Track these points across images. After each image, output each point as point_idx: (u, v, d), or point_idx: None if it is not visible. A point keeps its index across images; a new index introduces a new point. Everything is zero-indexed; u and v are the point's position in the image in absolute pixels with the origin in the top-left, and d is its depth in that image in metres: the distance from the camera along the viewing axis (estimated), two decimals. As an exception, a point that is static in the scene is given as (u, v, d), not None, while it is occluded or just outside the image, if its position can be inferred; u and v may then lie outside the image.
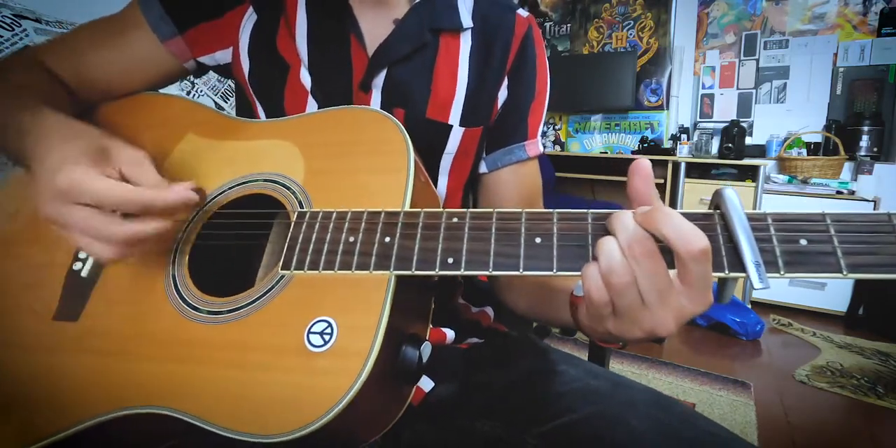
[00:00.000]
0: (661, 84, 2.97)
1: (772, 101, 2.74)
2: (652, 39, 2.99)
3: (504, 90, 0.61)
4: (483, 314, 0.66)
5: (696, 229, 0.29)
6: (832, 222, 0.31)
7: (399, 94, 0.56)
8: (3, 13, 0.99)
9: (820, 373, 1.80)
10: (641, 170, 0.33)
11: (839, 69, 2.55)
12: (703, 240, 0.29)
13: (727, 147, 2.54)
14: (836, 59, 2.56)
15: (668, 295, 0.31)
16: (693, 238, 0.29)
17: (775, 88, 2.73)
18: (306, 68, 0.56)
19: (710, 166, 2.64)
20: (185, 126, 0.55)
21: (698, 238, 0.29)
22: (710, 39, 2.87)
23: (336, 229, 0.40)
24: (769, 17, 2.71)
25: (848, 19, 2.52)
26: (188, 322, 0.42)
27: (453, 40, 0.58)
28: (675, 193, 2.59)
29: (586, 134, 3.18)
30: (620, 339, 0.35)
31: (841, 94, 2.56)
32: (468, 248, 0.35)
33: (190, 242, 0.47)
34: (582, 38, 3.23)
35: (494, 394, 0.51)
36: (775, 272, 0.30)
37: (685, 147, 2.72)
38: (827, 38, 2.57)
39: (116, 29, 0.58)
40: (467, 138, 0.59)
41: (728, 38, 2.82)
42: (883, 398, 1.63)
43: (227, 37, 0.58)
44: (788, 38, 2.67)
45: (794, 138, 2.57)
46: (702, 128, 2.87)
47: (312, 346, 0.37)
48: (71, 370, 0.42)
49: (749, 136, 2.69)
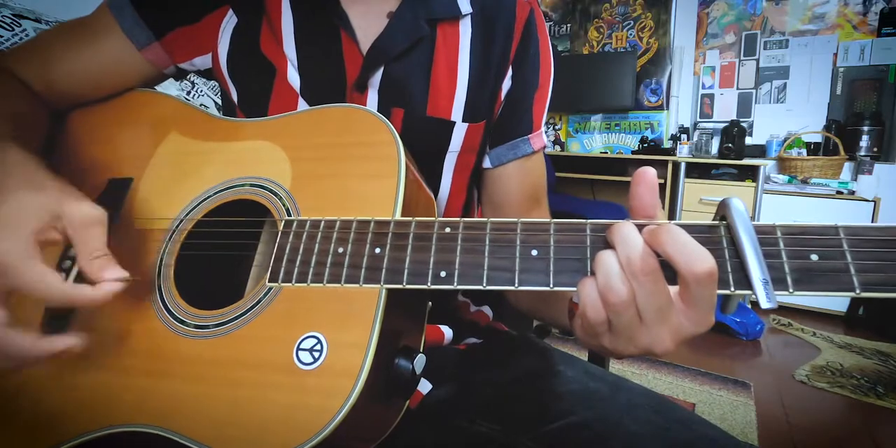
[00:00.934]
0: (661, 84, 2.96)
1: (772, 101, 2.74)
2: (652, 39, 2.99)
3: (508, 80, 0.58)
4: (481, 314, 0.65)
5: (702, 250, 0.28)
6: (845, 236, 0.29)
7: (397, 92, 0.53)
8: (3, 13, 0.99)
9: (820, 373, 1.79)
10: (647, 178, 0.31)
11: (839, 69, 2.55)
12: (709, 262, 0.27)
13: (727, 147, 2.54)
14: (836, 59, 2.55)
15: (667, 314, 0.30)
16: (698, 260, 0.27)
17: (775, 88, 2.73)
18: (295, 69, 0.53)
19: (710, 166, 2.64)
20: (168, 125, 0.53)
21: (704, 260, 0.27)
22: (710, 39, 2.87)
23: (324, 239, 0.38)
24: (769, 17, 2.70)
25: (848, 19, 2.52)
26: (175, 336, 0.41)
27: (452, 29, 0.55)
28: (675, 193, 2.58)
29: (586, 134, 3.17)
30: (614, 355, 0.34)
31: (841, 94, 2.56)
32: (461, 261, 0.34)
33: (174, 253, 0.45)
34: (582, 38, 3.23)
35: (493, 395, 0.51)
36: (784, 290, 0.29)
37: (685, 147, 2.72)
38: (827, 38, 2.57)
39: (88, 35, 0.55)
40: (471, 134, 0.56)
41: (728, 38, 2.82)
42: (883, 398, 1.63)
43: (206, 42, 0.55)
44: (788, 38, 2.66)
45: (794, 138, 2.56)
46: (702, 128, 2.86)
47: (302, 364, 0.36)
48: (56, 387, 0.41)
49: (749, 136, 2.69)
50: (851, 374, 1.79)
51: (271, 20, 0.54)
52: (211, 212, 0.46)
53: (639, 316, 0.30)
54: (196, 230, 0.46)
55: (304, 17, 0.53)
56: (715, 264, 0.28)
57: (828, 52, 2.57)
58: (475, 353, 0.58)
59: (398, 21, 0.52)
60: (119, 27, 0.54)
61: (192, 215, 0.46)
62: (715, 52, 2.86)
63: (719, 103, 2.87)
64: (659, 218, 0.32)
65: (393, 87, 0.53)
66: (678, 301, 0.30)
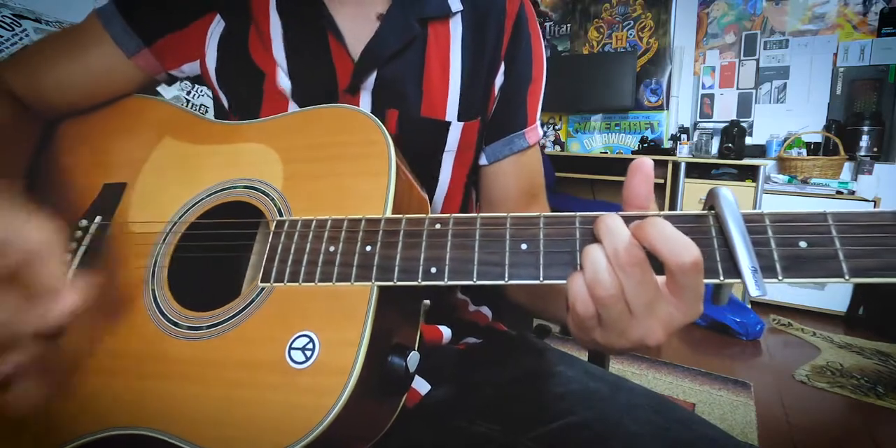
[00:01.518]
0: (661, 84, 2.96)
1: (772, 101, 2.74)
2: (652, 39, 2.99)
3: (500, 75, 0.57)
4: (480, 314, 0.65)
5: (687, 240, 0.28)
6: (834, 222, 0.29)
7: (390, 94, 0.53)
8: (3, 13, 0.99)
9: (820, 373, 1.79)
10: (643, 168, 0.31)
11: (839, 69, 2.55)
12: (693, 252, 0.28)
13: (727, 147, 2.54)
14: (836, 59, 2.55)
15: (656, 305, 0.30)
16: (683, 250, 0.28)
17: (775, 88, 2.72)
18: (285, 74, 0.53)
19: (711, 166, 2.64)
20: (162, 130, 0.53)
21: (689, 250, 0.28)
22: (710, 39, 2.87)
23: (316, 238, 0.38)
24: (769, 17, 2.70)
25: (848, 19, 2.52)
26: (168, 338, 0.41)
27: (442, 28, 0.54)
28: (675, 193, 2.58)
29: (586, 134, 3.17)
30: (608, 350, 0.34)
31: (841, 94, 2.56)
32: (451, 257, 0.34)
33: (168, 255, 0.45)
34: (582, 38, 3.23)
35: (492, 395, 0.51)
36: (773, 278, 0.29)
37: (685, 147, 2.72)
38: (827, 38, 2.57)
39: (77, 45, 0.55)
40: (467, 132, 0.56)
41: (728, 38, 2.82)
42: (883, 398, 1.62)
43: (193, 49, 0.55)
44: (788, 38, 2.66)
45: (794, 138, 2.56)
46: (702, 128, 2.86)
47: (294, 363, 0.36)
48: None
49: (749, 136, 2.69)
50: (851, 374, 1.79)
51: (259, 25, 0.53)
52: (204, 214, 0.46)
53: (628, 309, 0.30)
54: (189, 233, 0.46)
55: (291, 22, 0.53)
56: (700, 254, 0.28)
57: (828, 52, 2.57)
58: (474, 353, 0.58)
59: (390, 22, 0.52)
60: (108, 35, 0.54)
61: (185, 218, 0.47)
62: (715, 52, 2.86)
63: (719, 103, 2.87)
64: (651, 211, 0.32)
65: (386, 88, 0.53)
66: (666, 292, 0.30)
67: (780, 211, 0.30)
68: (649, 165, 0.31)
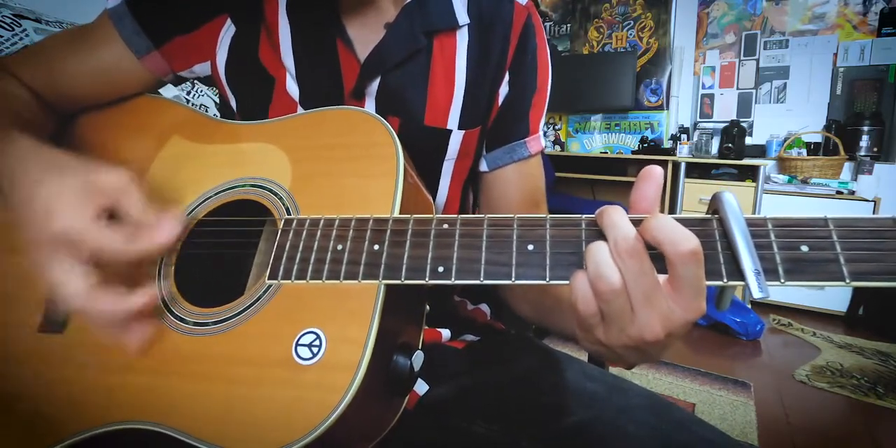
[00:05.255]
0: (661, 84, 2.96)
1: (772, 101, 2.74)
2: (652, 39, 2.99)
3: (505, 86, 0.58)
4: (479, 311, 0.65)
5: (685, 231, 0.29)
6: (835, 227, 0.30)
7: (394, 102, 0.54)
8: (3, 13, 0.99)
9: (820, 373, 1.80)
10: (654, 175, 0.32)
11: (839, 69, 2.55)
12: (692, 241, 0.28)
13: (727, 147, 2.54)
14: (836, 59, 2.55)
15: (655, 298, 0.30)
16: (683, 239, 0.28)
17: (775, 88, 2.73)
18: (294, 79, 0.53)
19: (711, 166, 2.64)
20: (170, 129, 0.53)
21: (687, 239, 0.28)
22: (710, 39, 2.87)
23: (323, 237, 0.39)
24: (769, 17, 2.70)
25: (848, 19, 2.52)
26: (175, 334, 0.41)
27: (448, 40, 0.55)
28: (675, 193, 2.58)
29: (586, 134, 3.17)
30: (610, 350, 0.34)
31: (841, 94, 2.56)
32: (458, 256, 0.34)
33: (175, 251, 0.45)
34: (582, 38, 3.23)
35: (491, 395, 0.51)
36: (775, 280, 0.29)
37: (685, 147, 2.72)
38: (827, 38, 2.57)
39: (89, 42, 0.56)
40: (467, 140, 0.57)
41: (728, 38, 2.82)
42: (883, 398, 1.63)
43: (204, 50, 0.55)
44: (788, 38, 2.66)
45: (794, 138, 2.56)
46: (702, 128, 2.86)
47: (300, 359, 0.36)
48: (57, 384, 0.41)
49: (749, 136, 2.69)
50: (851, 374, 1.79)
51: (270, 30, 0.54)
52: (212, 212, 0.47)
53: (629, 304, 0.30)
54: (197, 230, 0.46)
55: (301, 28, 0.53)
56: (699, 243, 0.28)
57: (828, 52, 2.57)
58: (473, 354, 0.58)
59: (395, 32, 0.52)
60: (119, 35, 0.54)
61: (193, 215, 0.47)
62: (715, 52, 2.86)
63: (719, 103, 2.87)
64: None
65: (390, 96, 0.54)
66: (667, 287, 0.30)
67: (782, 216, 0.31)
68: (659, 173, 0.32)
